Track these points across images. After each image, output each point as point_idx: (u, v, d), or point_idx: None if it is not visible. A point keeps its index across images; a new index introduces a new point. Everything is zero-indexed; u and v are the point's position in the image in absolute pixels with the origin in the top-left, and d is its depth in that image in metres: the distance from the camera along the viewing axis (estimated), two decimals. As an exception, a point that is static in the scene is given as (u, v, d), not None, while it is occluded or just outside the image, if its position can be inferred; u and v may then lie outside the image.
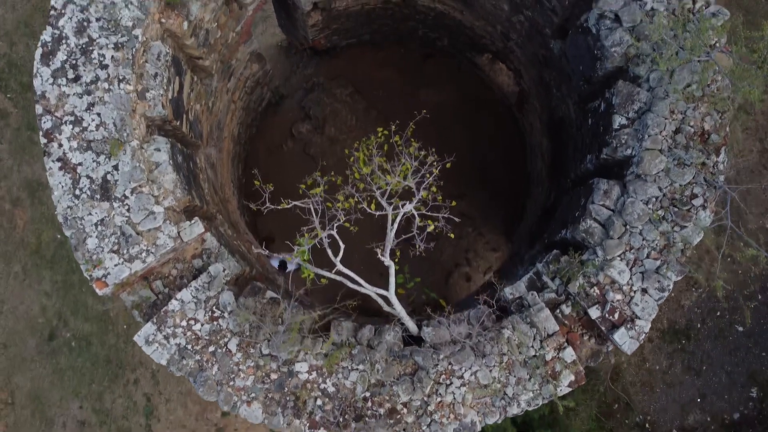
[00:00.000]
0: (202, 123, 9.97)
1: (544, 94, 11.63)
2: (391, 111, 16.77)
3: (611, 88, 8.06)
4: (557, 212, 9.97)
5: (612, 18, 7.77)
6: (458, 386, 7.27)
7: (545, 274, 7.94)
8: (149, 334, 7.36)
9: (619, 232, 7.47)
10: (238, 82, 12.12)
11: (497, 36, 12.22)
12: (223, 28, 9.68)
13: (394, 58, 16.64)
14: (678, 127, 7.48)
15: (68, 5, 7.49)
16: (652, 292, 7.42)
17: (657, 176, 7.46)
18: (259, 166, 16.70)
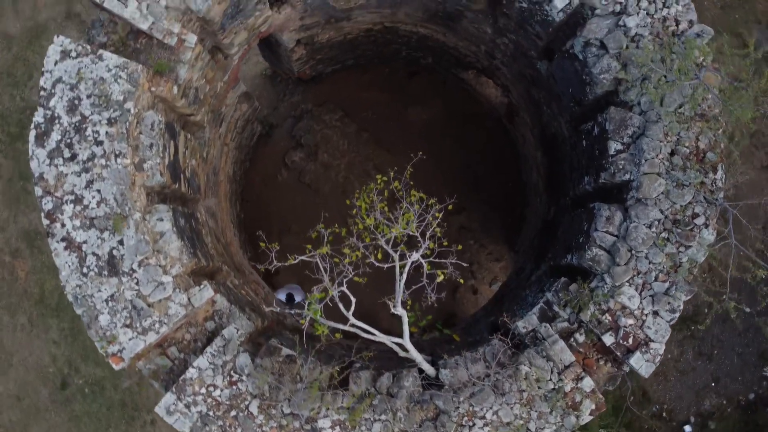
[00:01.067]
0: (198, 176, 9.98)
1: (534, 110, 11.68)
2: (382, 132, 16.82)
3: (603, 112, 8.11)
4: (559, 230, 10.02)
5: (598, 45, 7.82)
6: (481, 426, 7.32)
7: (556, 303, 7.99)
8: (170, 404, 7.38)
9: (626, 258, 7.52)
10: (228, 125, 12.13)
11: (482, 55, 12.25)
12: (212, 82, 9.68)
13: (379, 78, 16.66)
14: (673, 148, 7.53)
15: (57, 84, 7.49)
16: (663, 314, 7.48)
17: (657, 199, 7.52)
18: (256, 199, 16.76)
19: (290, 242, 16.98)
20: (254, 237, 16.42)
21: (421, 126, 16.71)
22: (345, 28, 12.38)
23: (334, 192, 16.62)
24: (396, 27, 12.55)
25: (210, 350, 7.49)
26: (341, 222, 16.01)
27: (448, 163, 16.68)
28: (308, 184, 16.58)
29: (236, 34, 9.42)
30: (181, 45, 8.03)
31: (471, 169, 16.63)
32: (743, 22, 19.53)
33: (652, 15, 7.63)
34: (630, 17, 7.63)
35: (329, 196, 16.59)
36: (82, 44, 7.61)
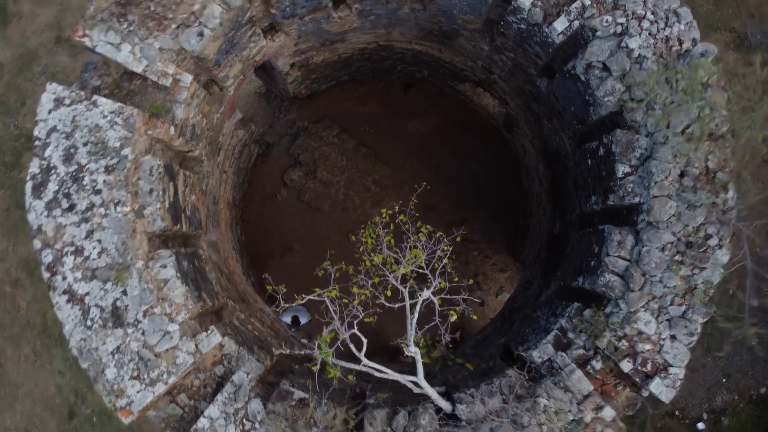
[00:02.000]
0: (199, 211, 9.79)
1: (535, 123, 11.50)
2: (381, 146, 16.66)
3: (608, 132, 7.94)
4: (567, 248, 9.86)
5: (600, 67, 7.65)
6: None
7: (570, 330, 7.83)
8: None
9: (640, 283, 7.37)
10: (226, 153, 11.94)
11: (479, 70, 12.07)
12: (208, 115, 9.49)
13: (375, 92, 16.50)
14: (683, 170, 7.37)
15: (52, 133, 7.31)
16: (681, 338, 7.33)
17: (669, 222, 7.36)
18: (256, 221, 16.57)
19: (293, 261, 16.88)
20: (256, 260, 16.28)
21: (420, 138, 16.55)
22: (339, 49, 12.20)
23: (334, 209, 16.46)
24: (391, 45, 12.37)
25: (221, 398, 7.31)
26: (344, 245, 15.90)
27: (448, 174, 16.53)
28: (308, 202, 16.41)
29: (231, 67, 9.23)
30: (177, 85, 7.84)
31: (471, 180, 16.48)
32: (736, 17, 19.40)
33: (654, 35, 7.46)
34: (632, 38, 7.46)
35: (330, 213, 16.43)
36: (75, 90, 7.42)
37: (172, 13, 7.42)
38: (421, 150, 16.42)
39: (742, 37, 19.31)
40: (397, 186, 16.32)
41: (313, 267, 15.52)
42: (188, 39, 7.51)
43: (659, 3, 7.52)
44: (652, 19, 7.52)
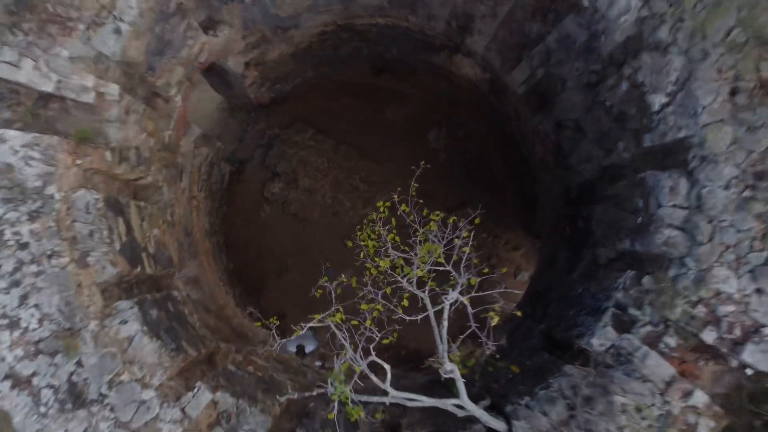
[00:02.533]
0: (167, 245, 8.30)
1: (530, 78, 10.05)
2: (362, 140, 15.22)
3: (629, 62, 6.51)
4: (597, 211, 8.41)
5: None
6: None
7: (630, 305, 6.40)
8: None
9: (708, 234, 5.94)
10: (191, 176, 10.45)
11: (454, 32, 10.62)
12: (155, 133, 8.00)
13: (345, 83, 15.01)
14: (733, 86, 5.94)
15: (-45, 185, 5.78)
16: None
17: (729, 152, 5.93)
18: (243, 244, 15.06)
19: (291, 280, 15.42)
20: (251, 286, 14.78)
21: (402, 123, 15.13)
22: (295, 37, 10.72)
23: (324, 216, 15.01)
24: (352, 23, 10.91)
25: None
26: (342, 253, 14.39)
27: (439, 157, 15.12)
28: (295, 214, 14.95)
29: (171, 72, 7.74)
30: (103, 100, 6.35)
31: (464, 157, 15.07)
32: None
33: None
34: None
35: (320, 222, 14.98)
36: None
37: (76, 11, 5.93)
38: (405, 137, 15.00)
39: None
40: (387, 180, 14.89)
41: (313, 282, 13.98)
42: (104, 40, 6.03)
43: None
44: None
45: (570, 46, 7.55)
